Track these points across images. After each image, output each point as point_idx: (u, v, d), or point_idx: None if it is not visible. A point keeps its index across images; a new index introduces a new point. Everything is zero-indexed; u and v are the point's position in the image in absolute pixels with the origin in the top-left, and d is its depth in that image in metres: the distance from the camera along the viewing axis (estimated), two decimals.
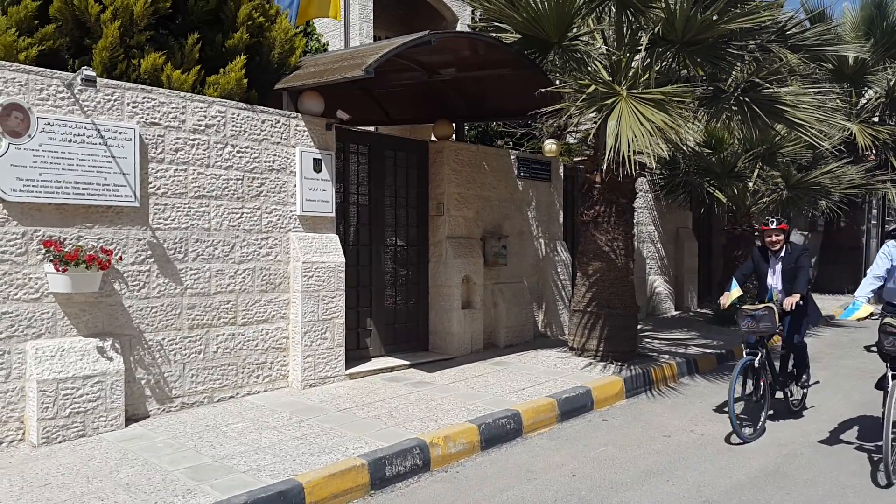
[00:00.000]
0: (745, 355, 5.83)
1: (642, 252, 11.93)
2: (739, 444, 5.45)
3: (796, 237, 17.11)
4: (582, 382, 6.69)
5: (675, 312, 12.56)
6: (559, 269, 9.76)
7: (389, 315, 7.85)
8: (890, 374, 4.92)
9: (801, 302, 5.78)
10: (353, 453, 4.61)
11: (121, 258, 5.27)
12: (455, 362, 7.65)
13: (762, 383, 5.81)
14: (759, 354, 5.77)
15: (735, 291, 5.94)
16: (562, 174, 10.02)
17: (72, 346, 4.98)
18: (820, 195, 12.07)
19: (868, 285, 5.13)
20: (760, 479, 4.72)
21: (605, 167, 7.23)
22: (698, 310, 12.89)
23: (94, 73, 4.89)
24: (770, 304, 5.71)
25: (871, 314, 4.95)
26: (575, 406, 6.25)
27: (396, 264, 7.97)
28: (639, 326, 8.92)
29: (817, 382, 6.49)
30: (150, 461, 4.45)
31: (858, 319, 4.96)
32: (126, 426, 5.15)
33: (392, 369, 7.20)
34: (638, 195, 9.08)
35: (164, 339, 5.54)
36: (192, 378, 5.72)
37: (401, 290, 8.01)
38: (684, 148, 7.03)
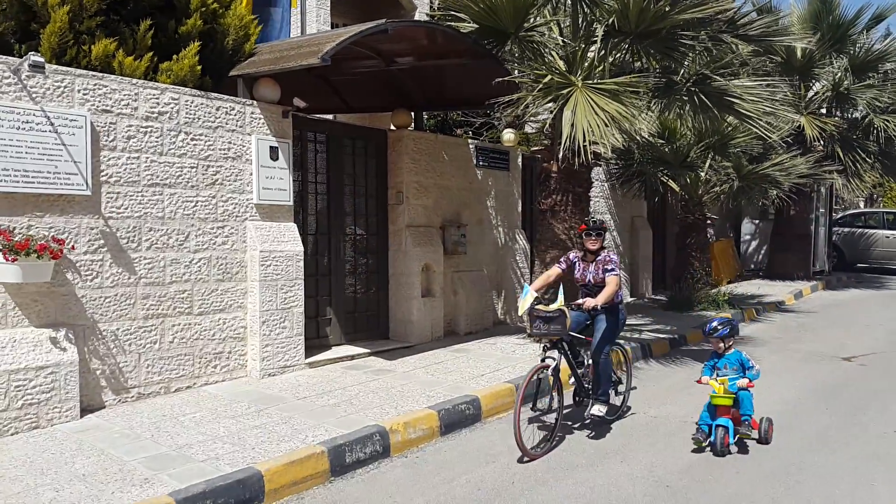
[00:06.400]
0: None
1: None
2: None
3: (746, 226, 17.58)
4: None
5: (630, 299, 12.80)
6: (518, 258, 9.86)
7: (349, 303, 7.85)
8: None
9: None
10: (313, 441, 4.63)
11: (73, 247, 5.18)
12: (415, 350, 7.70)
13: None
14: None
15: None
16: (520, 163, 10.11)
17: (24, 337, 4.88)
18: (770, 185, 12.39)
19: None
20: (711, 459, 4.88)
21: (561, 156, 7.34)
22: (653, 296, 13.16)
23: (42, 59, 4.79)
24: None
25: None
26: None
27: (356, 253, 7.97)
28: None
29: None
30: (106, 451, 4.40)
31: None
32: (82, 417, 5.08)
33: (352, 357, 7.22)
34: (594, 185, 9.23)
35: (118, 328, 5.47)
36: (149, 368, 5.65)
37: (360, 278, 8.01)
38: (638, 138, 7.17)
